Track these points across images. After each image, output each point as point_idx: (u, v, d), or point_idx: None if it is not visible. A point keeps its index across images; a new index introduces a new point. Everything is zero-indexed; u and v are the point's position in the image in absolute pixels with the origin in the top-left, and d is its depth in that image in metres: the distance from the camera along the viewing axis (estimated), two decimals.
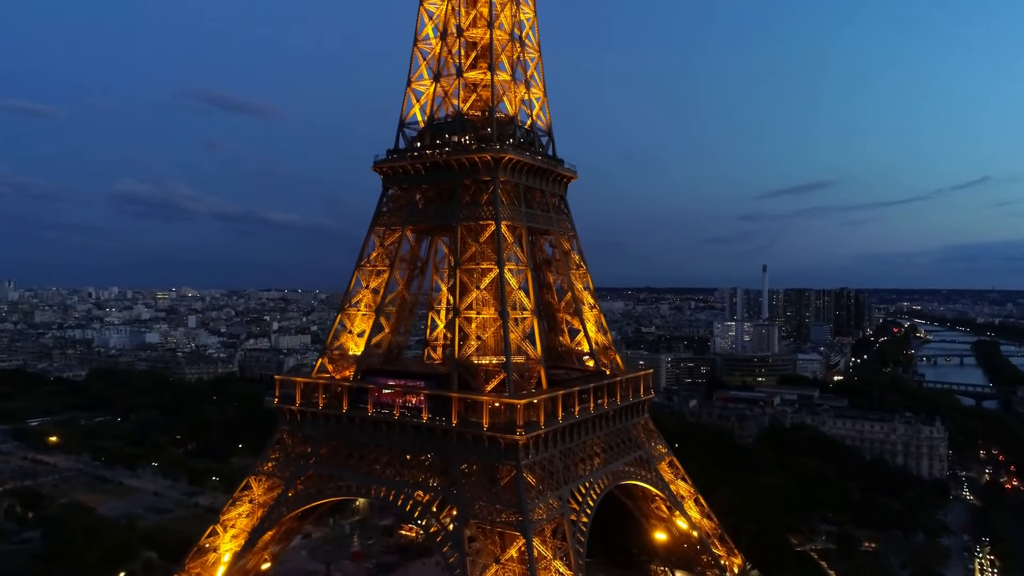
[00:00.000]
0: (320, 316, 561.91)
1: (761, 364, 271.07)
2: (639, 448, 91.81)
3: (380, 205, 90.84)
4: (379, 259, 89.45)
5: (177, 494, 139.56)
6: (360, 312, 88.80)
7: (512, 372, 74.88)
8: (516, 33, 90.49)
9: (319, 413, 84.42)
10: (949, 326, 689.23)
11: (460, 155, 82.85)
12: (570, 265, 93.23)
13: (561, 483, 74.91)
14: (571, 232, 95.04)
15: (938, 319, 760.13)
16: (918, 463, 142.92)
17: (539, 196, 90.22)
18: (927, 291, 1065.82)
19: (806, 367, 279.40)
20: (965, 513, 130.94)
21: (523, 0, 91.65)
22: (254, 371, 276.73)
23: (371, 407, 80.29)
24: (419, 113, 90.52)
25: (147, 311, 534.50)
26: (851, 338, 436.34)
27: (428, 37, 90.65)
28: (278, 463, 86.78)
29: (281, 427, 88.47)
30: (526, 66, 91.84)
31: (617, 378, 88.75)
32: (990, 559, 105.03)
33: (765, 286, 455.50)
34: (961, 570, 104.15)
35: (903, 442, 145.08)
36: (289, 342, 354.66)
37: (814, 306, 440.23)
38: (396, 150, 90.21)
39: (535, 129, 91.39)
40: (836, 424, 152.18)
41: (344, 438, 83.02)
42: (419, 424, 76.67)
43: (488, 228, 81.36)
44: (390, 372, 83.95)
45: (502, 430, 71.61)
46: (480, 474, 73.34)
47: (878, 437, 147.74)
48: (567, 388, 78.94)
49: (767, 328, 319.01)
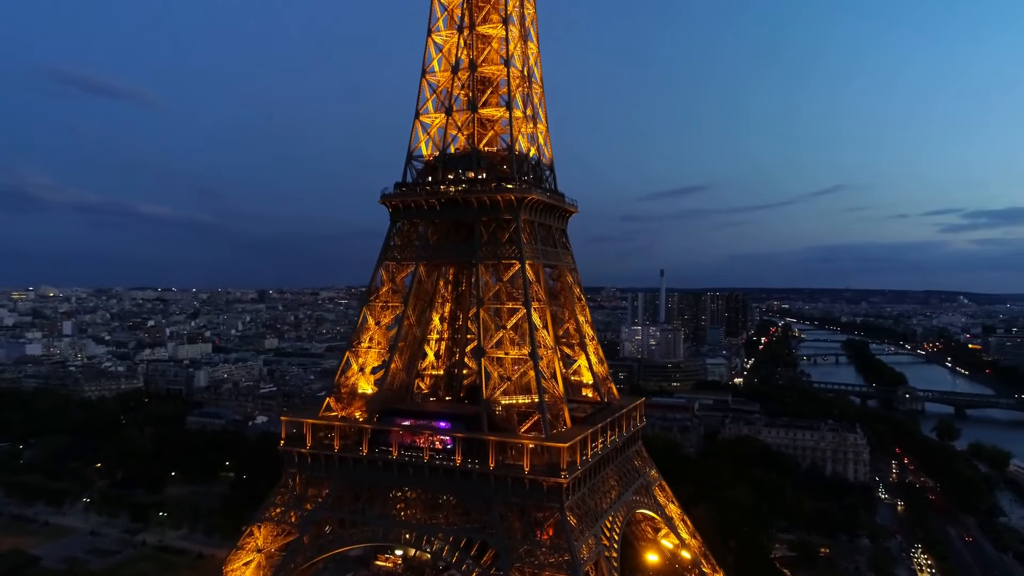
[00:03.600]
0: (210, 319, 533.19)
1: (675, 369, 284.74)
2: (640, 475, 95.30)
3: (389, 239, 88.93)
4: (389, 294, 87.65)
5: (117, 532, 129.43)
6: (372, 349, 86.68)
7: (546, 412, 75.96)
8: (524, 69, 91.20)
9: (335, 456, 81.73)
10: (818, 324, 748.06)
11: (482, 194, 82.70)
12: (573, 298, 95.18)
13: (593, 521, 76.85)
14: (572, 265, 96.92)
15: (806, 317, 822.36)
16: (845, 468, 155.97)
17: (546, 232, 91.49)
18: (792, 290, 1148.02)
19: (714, 371, 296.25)
20: (889, 514, 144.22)
21: (532, 36, 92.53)
22: (160, 386, 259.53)
23: (396, 449, 78.78)
24: (424, 147, 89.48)
25: (8, 315, 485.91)
26: (740, 339, 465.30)
27: (435, 70, 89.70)
28: (285, 508, 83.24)
29: (288, 470, 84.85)
30: (530, 100, 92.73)
31: (624, 409, 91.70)
32: (927, 560, 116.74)
33: (663, 290, 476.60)
34: (904, 571, 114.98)
35: (832, 449, 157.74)
36: (189, 351, 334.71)
37: (709, 309, 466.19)
38: (405, 183, 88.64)
39: (541, 164, 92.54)
40: (771, 433, 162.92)
41: (363, 481, 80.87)
42: (452, 468, 76.09)
43: (512, 267, 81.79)
44: (412, 412, 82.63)
45: (543, 472, 72.48)
46: (518, 517, 73.86)
47: (809, 445, 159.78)
48: (592, 425, 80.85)
49: (673, 333, 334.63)
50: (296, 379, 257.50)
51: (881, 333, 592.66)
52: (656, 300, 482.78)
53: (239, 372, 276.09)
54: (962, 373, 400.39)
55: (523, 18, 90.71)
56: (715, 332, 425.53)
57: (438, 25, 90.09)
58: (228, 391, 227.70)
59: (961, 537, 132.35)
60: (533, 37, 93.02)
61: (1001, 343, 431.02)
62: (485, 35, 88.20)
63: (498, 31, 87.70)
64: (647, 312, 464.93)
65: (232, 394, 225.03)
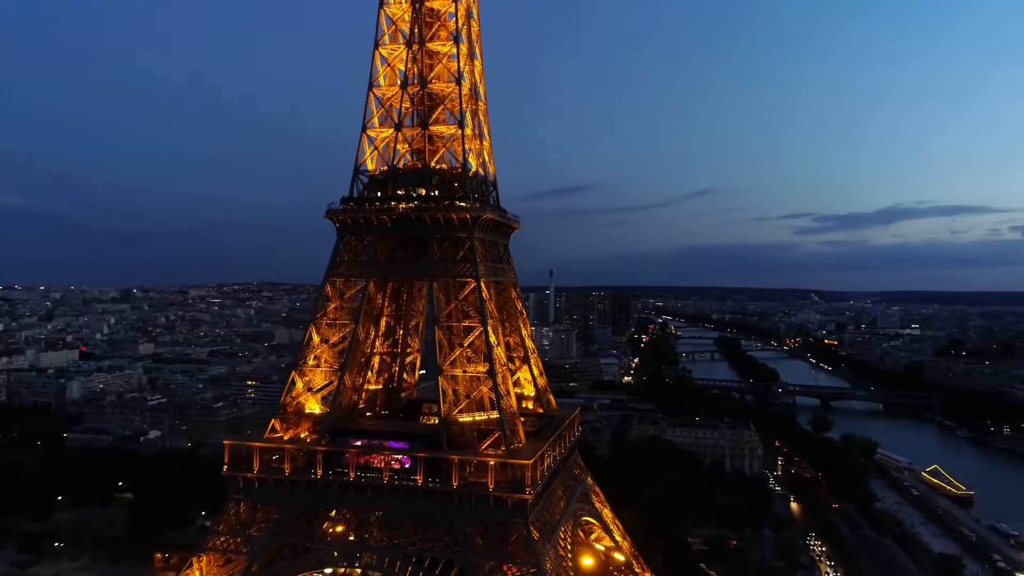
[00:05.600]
0: (68, 322, 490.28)
1: (572, 370, 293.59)
2: (580, 483, 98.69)
3: (336, 255, 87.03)
4: (337, 312, 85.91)
5: (4, 566, 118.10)
6: (319, 368, 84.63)
7: (506, 429, 77.43)
8: (471, 87, 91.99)
9: (285, 480, 79.21)
10: (690, 322, 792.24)
11: (436, 211, 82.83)
12: (516, 313, 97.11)
13: (551, 532, 79.15)
14: (515, 279, 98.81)
15: (679, 315, 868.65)
16: (742, 463, 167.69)
17: (493, 248, 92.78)
18: (665, 288, 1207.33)
19: (607, 370, 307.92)
20: (783, 504, 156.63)
21: (477, 54, 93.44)
22: (24, 399, 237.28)
23: (353, 472, 77.55)
24: (371, 161, 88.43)
25: None
26: (624, 337, 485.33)
27: (381, 84, 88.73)
28: (230, 536, 79.76)
29: (232, 496, 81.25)
30: (476, 117, 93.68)
31: (567, 420, 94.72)
32: (821, 547, 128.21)
33: (551, 290, 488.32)
34: (804, 557, 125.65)
35: (730, 445, 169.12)
36: (52, 359, 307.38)
37: (597, 308, 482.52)
38: (352, 198, 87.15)
39: (487, 181, 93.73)
40: (676, 433, 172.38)
41: (317, 505, 78.94)
42: (413, 487, 75.92)
43: (467, 285, 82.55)
44: (366, 432, 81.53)
45: (507, 489, 73.87)
46: (482, 534, 74.87)
47: (710, 442, 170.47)
48: (545, 439, 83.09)
49: (566, 333, 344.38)
50: (183, 388, 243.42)
51: (748, 330, 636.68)
52: (544, 300, 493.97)
53: (116, 382, 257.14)
54: (821, 367, 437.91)
55: (469, 35, 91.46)
56: (604, 332, 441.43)
57: (384, 39, 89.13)
58: (112, 404, 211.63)
59: (846, 523, 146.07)
60: (478, 55, 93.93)
61: (853, 339, 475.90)
62: (434, 51, 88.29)
63: (447, 48, 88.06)
64: (535, 312, 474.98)
65: (116, 407, 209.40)
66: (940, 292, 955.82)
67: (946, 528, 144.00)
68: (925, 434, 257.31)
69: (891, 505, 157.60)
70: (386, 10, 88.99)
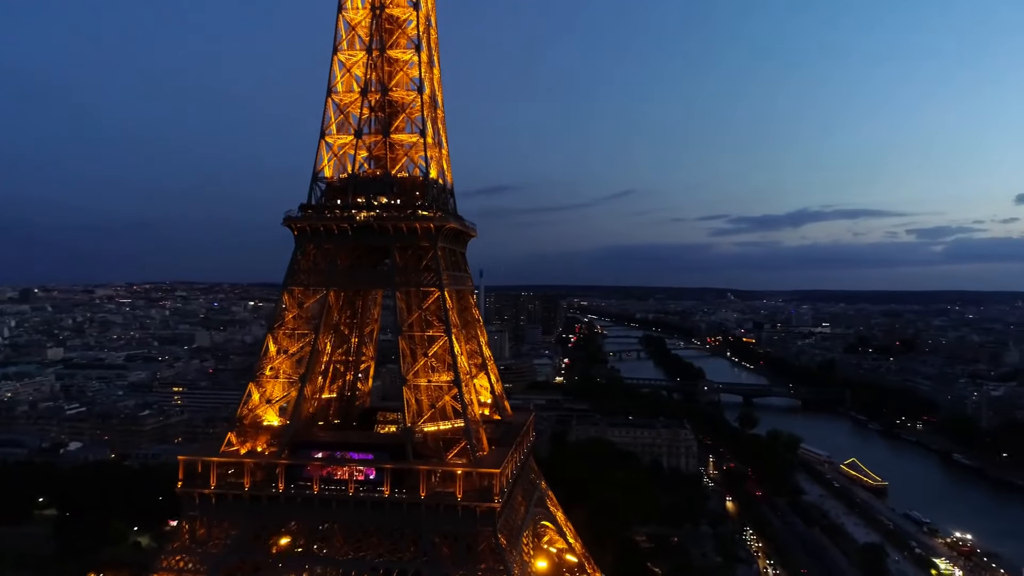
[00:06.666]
0: None
1: (507, 371, 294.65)
2: (535, 488, 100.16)
3: (294, 263, 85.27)
4: (296, 321, 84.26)
5: None
6: (277, 379, 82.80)
7: (472, 438, 77.92)
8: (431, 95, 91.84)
9: (245, 495, 77.18)
10: (615, 321, 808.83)
11: (400, 221, 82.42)
12: (474, 321, 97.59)
13: (516, 538, 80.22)
14: (472, 287, 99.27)
15: (604, 313, 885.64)
16: (679, 461, 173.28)
17: (453, 256, 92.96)
18: (589, 287, 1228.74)
19: (541, 371, 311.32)
20: (718, 500, 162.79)
21: (435, 61, 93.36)
22: None
23: (317, 484, 76.35)
24: (329, 168, 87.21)
25: None
26: (552, 337, 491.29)
27: (338, 90, 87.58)
28: (186, 555, 77.10)
29: (188, 513, 78.49)
30: (435, 125, 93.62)
31: (525, 426, 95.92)
32: (757, 541, 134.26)
33: (481, 290, 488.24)
34: (742, 551, 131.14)
35: (667, 444, 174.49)
36: None
37: (527, 308, 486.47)
38: (311, 205, 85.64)
39: (446, 189, 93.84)
40: (615, 433, 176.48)
41: (279, 519, 77.35)
42: (380, 499, 75.43)
43: (431, 295, 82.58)
44: (328, 444, 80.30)
45: (476, 498, 74.47)
46: (450, 543, 75.14)
47: (648, 441, 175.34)
48: (508, 446, 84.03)
49: (499, 334, 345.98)
50: (102, 396, 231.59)
51: (671, 329, 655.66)
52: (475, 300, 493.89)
53: (26, 390, 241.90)
54: (742, 365, 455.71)
55: (429, 43, 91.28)
56: (535, 332, 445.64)
57: (343, 45, 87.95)
58: (25, 414, 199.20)
59: (777, 516, 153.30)
60: (436, 62, 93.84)
61: (770, 337, 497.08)
62: (395, 59, 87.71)
63: (408, 56, 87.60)
64: None
65: (30, 417, 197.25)
66: (845, 291, 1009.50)
67: (867, 518, 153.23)
68: (840, 428, 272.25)
69: (816, 497, 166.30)
70: (344, 15, 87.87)
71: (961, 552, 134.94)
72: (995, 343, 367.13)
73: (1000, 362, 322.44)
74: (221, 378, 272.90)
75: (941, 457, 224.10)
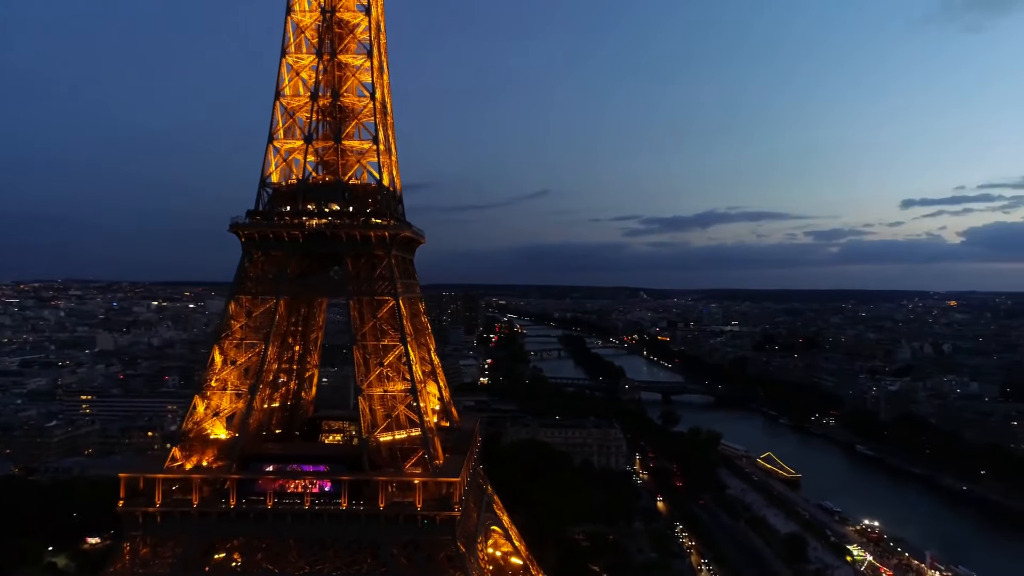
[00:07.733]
0: None
1: None
2: (484, 493, 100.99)
3: (242, 270, 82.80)
4: (244, 331, 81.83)
5: None
6: (225, 391, 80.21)
7: (429, 447, 78.01)
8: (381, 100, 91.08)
9: (194, 512, 74.45)
10: (535, 320, 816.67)
11: (354, 229, 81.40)
12: (423, 328, 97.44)
13: (472, 545, 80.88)
14: (421, 294, 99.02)
15: (522, 312, 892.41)
16: (609, 460, 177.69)
17: (403, 263, 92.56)
18: (506, 286, 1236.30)
19: (467, 372, 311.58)
20: (648, 498, 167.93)
21: (385, 67, 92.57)
22: None
23: (270, 499, 74.55)
24: (276, 174, 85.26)
25: None
26: (474, 336, 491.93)
27: (286, 94, 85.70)
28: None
29: (131, 533, 74.98)
30: (386, 131, 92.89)
31: (475, 433, 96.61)
32: (691, 543, 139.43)
33: None
34: (676, 546, 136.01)
35: (597, 444, 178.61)
36: None
37: (449, 308, 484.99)
38: (259, 212, 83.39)
39: (396, 195, 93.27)
40: (547, 434, 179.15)
41: (229, 536, 75.07)
42: (338, 512, 74.42)
43: (386, 303, 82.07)
44: (280, 457, 78.51)
45: (435, 507, 74.73)
46: (409, 554, 74.99)
47: (579, 442, 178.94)
48: (463, 454, 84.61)
49: None
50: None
51: (589, 327, 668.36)
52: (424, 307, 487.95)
53: None
54: (658, 363, 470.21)
55: (379, 48, 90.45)
56: (457, 332, 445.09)
57: (291, 48, 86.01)
58: None
59: (704, 511, 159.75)
60: (385, 68, 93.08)
61: (684, 335, 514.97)
62: (345, 63, 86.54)
63: (359, 61, 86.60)
64: None
65: None
66: (750, 290, 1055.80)
67: (786, 509, 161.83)
68: (754, 423, 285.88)
69: (738, 491, 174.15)
70: (293, 17, 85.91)
71: (871, 538, 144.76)
72: (888, 340, 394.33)
73: (894, 358, 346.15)
74: (132, 384, 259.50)
75: (845, 449, 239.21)
